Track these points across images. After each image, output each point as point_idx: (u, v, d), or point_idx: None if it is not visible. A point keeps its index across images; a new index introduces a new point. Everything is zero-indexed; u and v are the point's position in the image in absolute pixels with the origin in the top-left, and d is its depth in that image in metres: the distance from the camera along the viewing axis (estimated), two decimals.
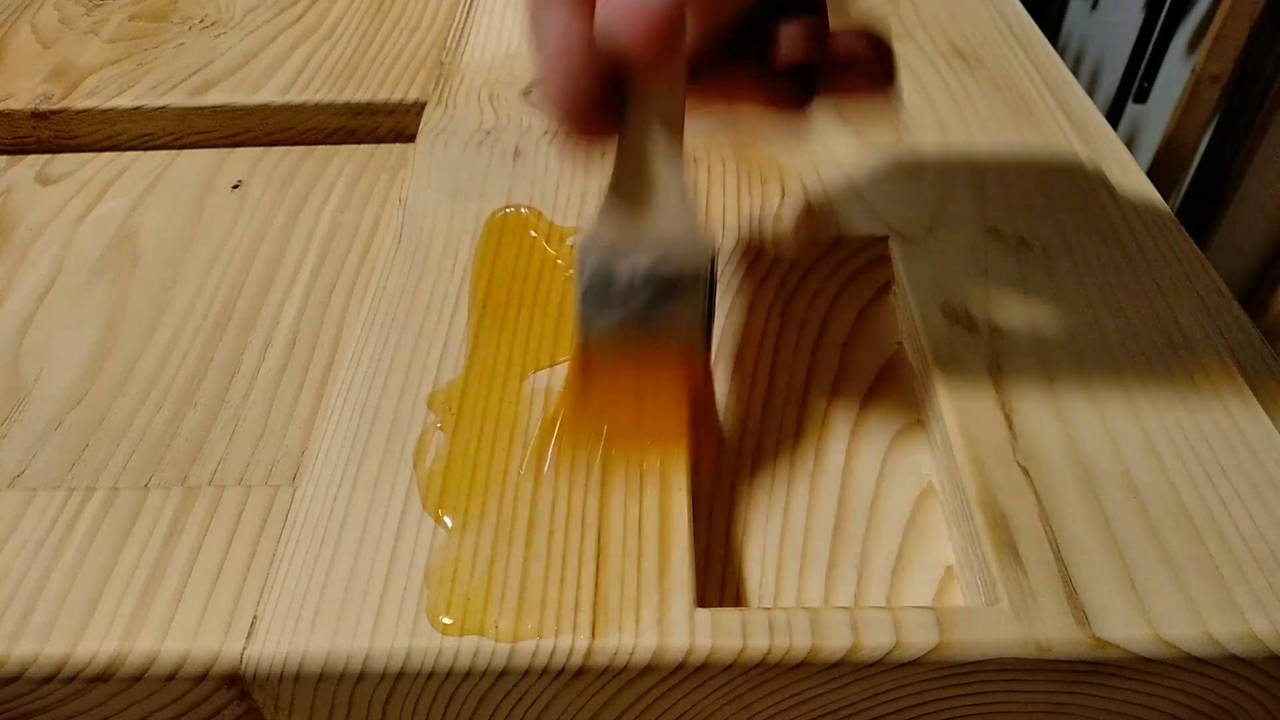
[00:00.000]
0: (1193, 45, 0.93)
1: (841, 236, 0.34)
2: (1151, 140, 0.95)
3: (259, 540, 0.24)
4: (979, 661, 0.22)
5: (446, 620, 0.22)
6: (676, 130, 0.25)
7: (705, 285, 0.26)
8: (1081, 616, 0.22)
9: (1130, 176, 0.37)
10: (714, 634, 0.22)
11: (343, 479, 0.25)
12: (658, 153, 0.25)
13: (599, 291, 0.26)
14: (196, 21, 0.48)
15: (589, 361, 0.27)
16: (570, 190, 0.36)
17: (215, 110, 0.41)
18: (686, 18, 0.22)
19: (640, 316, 0.26)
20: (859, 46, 0.26)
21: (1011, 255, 0.32)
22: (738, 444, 0.29)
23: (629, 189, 0.25)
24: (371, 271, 0.34)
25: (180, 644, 0.22)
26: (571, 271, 0.26)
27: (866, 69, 0.26)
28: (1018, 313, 0.30)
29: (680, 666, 0.22)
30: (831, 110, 0.26)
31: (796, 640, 0.22)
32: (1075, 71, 1.09)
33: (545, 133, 0.39)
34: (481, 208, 0.35)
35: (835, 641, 0.22)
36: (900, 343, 0.32)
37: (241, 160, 0.41)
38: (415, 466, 0.26)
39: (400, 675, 0.22)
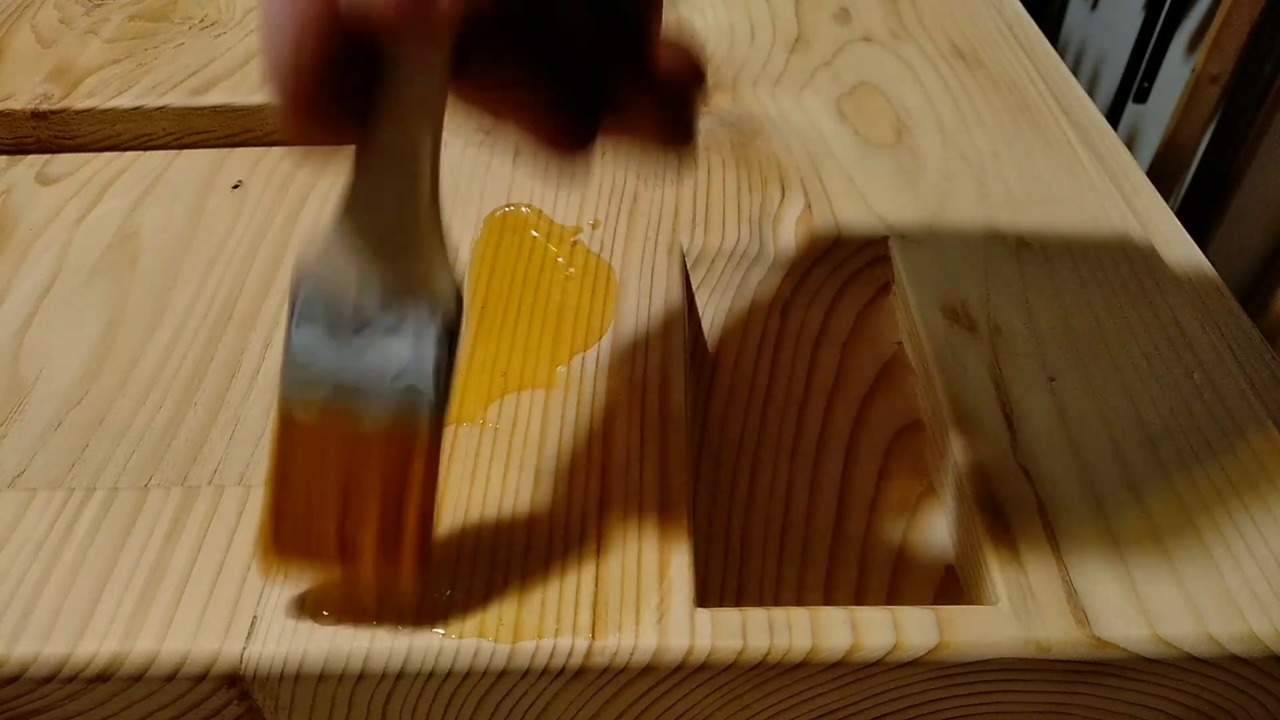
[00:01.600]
0: (1193, 45, 0.93)
1: (841, 236, 0.34)
2: (1151, 140, 0.95)
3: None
4: (979, 661, 0.22)
5: (446, 620, 0.22)
6: (432, 131, 0.20)
7: (451, 332, 0.20)
8: (1081, 616, 0.22)
9: (1130, 177, 0.37)
10: (714, 634, 0.22)
11: None
12: (406, 158, 0.20)
13: (311, 339, 0.20)
14: (196, 21, 0.48)
15: (289, 437, 0.21)
16: (571, 191, 0.36)
17: (215, 110, 0.41)
18: None
19: (356, 378, 0.20)
20: (675, 69, 0.21)
21: (1011, 255, 0.32)
22: (738, 444, 0.29)
23: (365, 202, 0.20)
24: None
25: (180, 644, 0.22)
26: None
27: (671, 108, 0.21)
28: (1018, 313, 0.30)
29: (680, 666, 0.22)
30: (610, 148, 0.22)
31: (796, 640, 0.22)
32: (1075, 71, 1.09)
33: None
34: (481, 208, 0.35)
35: (835, 641, 0.22)
36: (900, 343, 0.32)
37: (241, 160, 0.41)
38: None
39: (400, 675, 0.22)
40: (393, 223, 0.20)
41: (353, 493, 0.21)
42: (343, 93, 0.19)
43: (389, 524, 0.21)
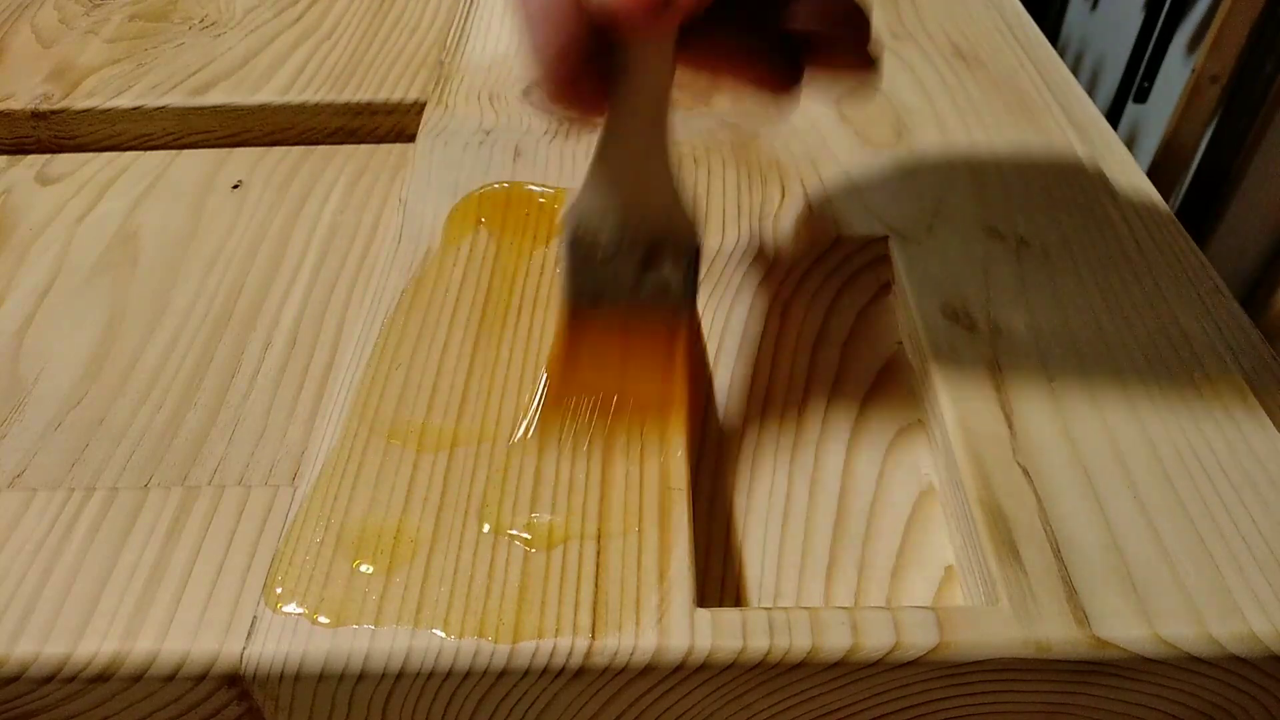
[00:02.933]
0: (1193, 45, 0.93)
1: (841, 236, 0.34)
2: (1151, 140, 0.95)
3: (259, 540, 0.24)
4: (979, 661, 0.22)
5: (446, 620, 0.22)
6: (664, 100, 0.24)
7: (691, 254, 0.26)
8: (1081, 616, 0.22)
9: (1130, 176, 0.37)
10: (714, 634, 0.22)
11: (343, 479, 0.25)
12: (645, 122, 0.25)
13: (584, 262, 0.26)
14: (196, 21, 0.48)
15: (575, 331, 0.27)
16: (572, 191, 0.36)
17: (215, 110, 0.41)
18: None
19: (626, 286, 0.26)
20: (840, 16, 0.25)
21: (1011, 255, 0.32)
22: (738, 444, 0.29)
23: (615, 157, 0.25)
24: (371, 271, 0.34)
25: (180, 644, 0.22)
26: (557, 241, 0.27)
27: (849, 44, 0.25)
28: (1018, 313, 0.30)
29: (680, 666, 0.22)
30: (813, 87, 0.26)
31: (796, 640, 0.22)
32: (1075, 71, 1.09)
33: (545, 133, 0.39)
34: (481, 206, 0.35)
35: (835, 641, 0.22)
36: (900, 343, 0.32)
37: (241, 160, 0.41)
38: (416, 467, 0.26)
39: (400, 675, 0.22)
40: (636, 169, 0.25)
41: (628, 366, 0.28)
42: (592, 73, 0.23)
43: (659, 378, 0.28)
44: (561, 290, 0.27)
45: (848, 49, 0.25)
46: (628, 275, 0.26)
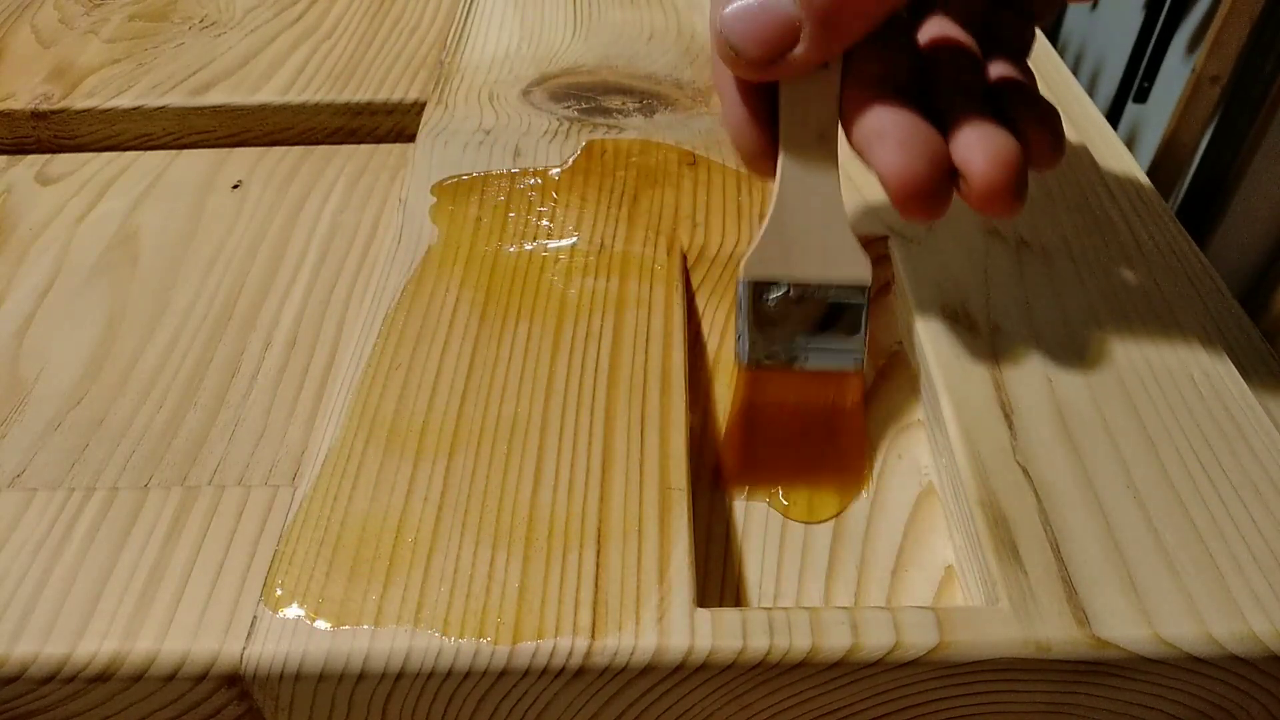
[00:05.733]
0: (1193, 45, 0.93)
1: None
2: (1151, 140, 0.95)
3: (259, 540, 0.24)
4: (979, 661, 0.22)
5: (446, 620, 0.22)
6: (825, 145, 0.25)
7: (866, 308, 0.26)
8: (1081, 616, 0.22)
9: (1130, 176, 0.37)
10: (714, 634, 0.22)
11: (343, 479, 0.25)
12: (808, 170, 0.25)
13: (761, 317, 0.26)
14: (196, 21, 0.48)
15: (753, 378, 0.27)
16: (572, 194, 0.36)
17: (215, 110, 0.41)
18: (807, 36, 0.22)
19: (805, 339, 0.26)
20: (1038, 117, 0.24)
21: (1011, 255, 0.32)
22: None
23: (785, 201, 0.25)
24: (371, 271, 0.34)
25: (180, 644, 0.22)
26: (737, 294, 0.26)
27: (1045, 147, 0.24)
28: (1018, 313, 0.30)
29: (680, 666, 0.22)
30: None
31: (796, 640, 0.22)
32: (1075, 71, 1.08)
33: (545, 133, 0.39)
34: (482, 204, 0.35)
35: (835, 641, 0.22)
36: (900, 343, 0.32)
37: (241, 160, 0.41)
38: (416, 467, 0.26)
39: (400, 675, 0.22)
40: (810, 219, 0.25)
41: (805, 419, 0.28)
42: (761, 129, 0.25)
43: (837, 440, 0.28)
44: (740, 347, 0.27)
45: (1042, 152, 0.24)
46: (806, 326, 0.26)
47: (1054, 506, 0.24)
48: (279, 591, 0.23)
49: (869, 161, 0.23)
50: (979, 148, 0.22)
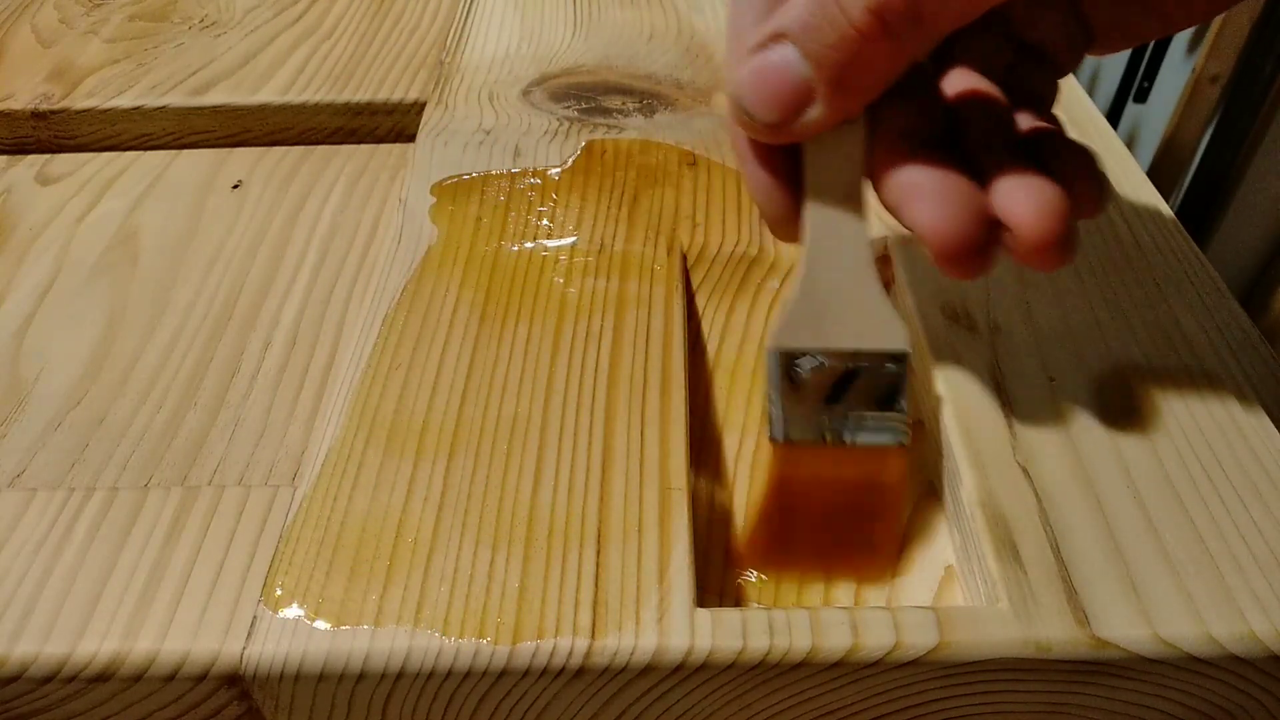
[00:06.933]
0: (1193, 45, 0.93)
1: None
2: (1151, 140, 0.95)
3: (259, 540, 0.24)
4: (979, 661, 0.22)
5: (446, 620, 0.22)
6: (853, 204, 0.24)
7: (905, 378, 0.24)
8: (1081, 616, 0.22)
9: (1130, 176, 0.37)
10: (714, 634, 0.22)
11: (343, 479, 0.25)
12: (836, 232, 0.24)
13: (792, 389, 0.24)
14: (196, 21, 0.48)
15: (786, 455, 0.25)
16: (572, 193, 0.36)
17: (215, 110, 0.41)
18: (823, 96, 0.22)
19: (841, 415, 0.24)
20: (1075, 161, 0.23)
21: None
22: (739, 444, 0.29)
23: (813, 266, 0.24)
24: (371, 271, 0.34)
25: (180, 644, 0.22)
26: (768, 370, 0.24)
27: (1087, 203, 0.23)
28: (1018, 313, 0.30)
29: (680, 666, 0.22)
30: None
31: (796, 640, 0.22)
32: (1075, 71, 1.08)
33: (545, 132, 0.39)
34: (482, 202, 0.35)
35: (835, 641, 0.22)
36: None
37: (241, 160, 0.41)
38: (416, 468, 0.26)
39: (400, 675, 0.22)
40: (840, 283, 0.24)
41: (840, 498, 0.25)
42: (784, 198, 0.24)
43: (873, 523, 0.26)
44: (772, 422, 0.24)
45: (1087, 198, 0.23)
46: (842, 399, 0.24)
47: (1054, 506, 0.24)
48: (279, 591, 0.23)
49: (904, 220, 0.22)
50: (1023, 198, 0.21)
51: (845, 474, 0.25)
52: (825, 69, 0.21)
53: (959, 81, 0.24)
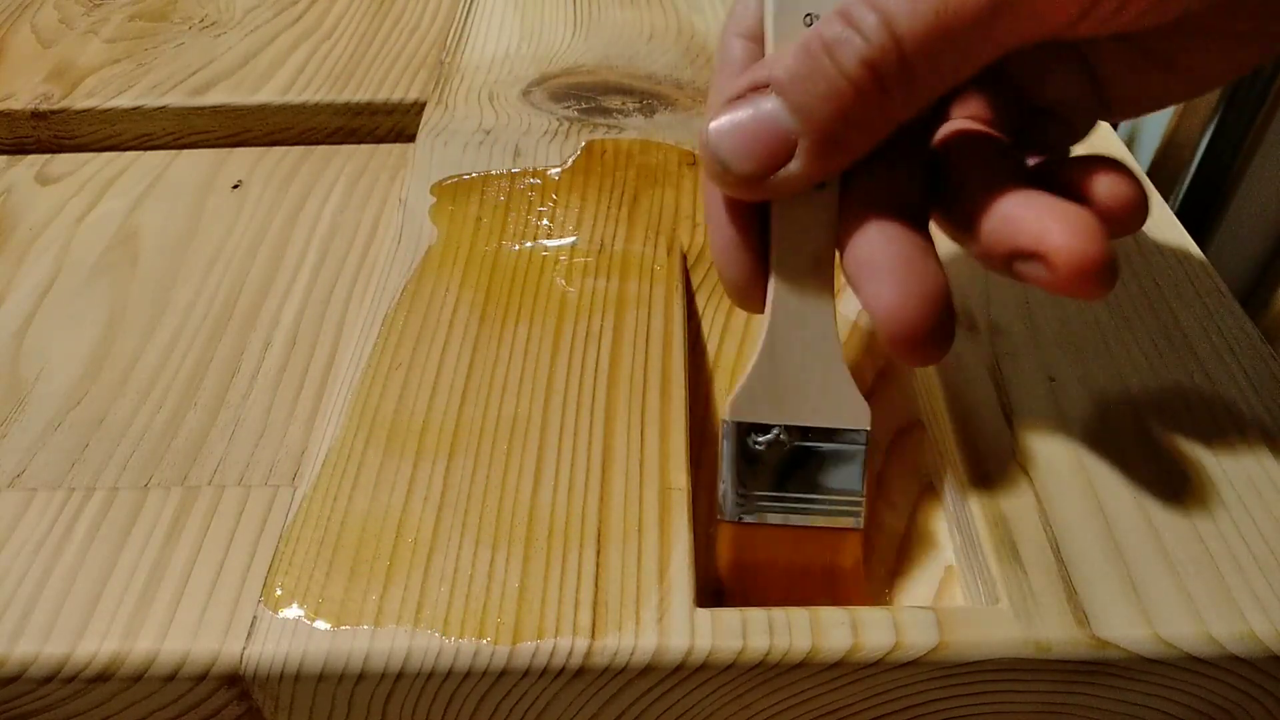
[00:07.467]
0: None
1: None
2: (1151, 140, 0.95)
3: (259, 540, 0.24)
4: (979, 661, 0.22)
5: (446, 620, 0.22)
6: (820, 272, 0.22)
7: (864, 457, 0.24)
8: (1081, 616, 0.22)
9: None
10: (714, 634, 0.22)
11: (343, 479, 0.25)
12: (802, 301, 0.23)
13: (747, 464, 0.24)
14: (196, 21, 0.48)
15: (739, 535, 0.24)
16: (571, 193, 0.36)
17: (215, 110, 0.41)
18: (804, 151, 0.20)
19: (796, 493, 0.24)
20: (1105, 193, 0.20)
21: None
22: None
23: (776, 344, 0.23)
24: (371, 271, 0.34)
25: (180, 644, 0.22)
26: (720, 439, 0.24)
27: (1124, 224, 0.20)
28: (1018, 313, 0.30)
29: (680, 666, 0.22)
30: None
31: (796, 640, 0.22)
32: None
33: (545, 132, 0.39)
34: (483, 202, 0.35)
35: (835, 641, 0.22)
36: None
37: (241, 160, 0.41)
38: (416, 468, 0.26)
39: (400, 675, 0.22)
40: (803, 356, 0.23)
41: (795, 580, 0.25)
42: (749, 261, 0.23)
43: (837, 593, 0.25)
44: (721, 499, 0.24)
45: (1123, 205, 0.20)
46: (798, 476, 0.24)
47: (1054, 506, 0.24)
48: (279, 591, 0.23)
49: (859, 297, 0.21)
50: (1050, 216, 0.19)
51: (800, 556, 0.24)
52: (812, 122, 0.20)
53: (953, 128, 0.23)
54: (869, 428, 0.23)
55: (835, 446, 0.24)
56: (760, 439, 0.24)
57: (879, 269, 0.20)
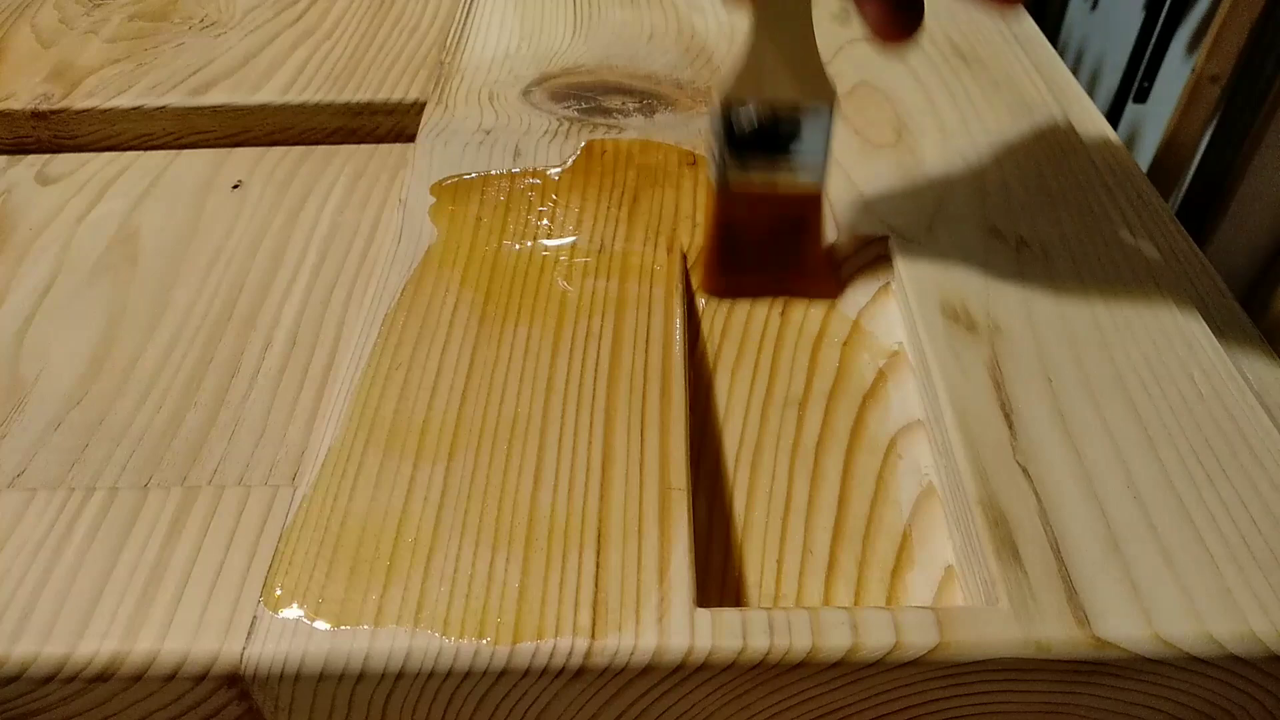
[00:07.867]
0: (1193, 45, 0.93)
1: (841, 237, 0.34)
2: (1151, 140, 0.95)
3: (259, 540, 0.24)
4: (979, 661, 0.22)
5: (446, 620, 0.22)
6: None
7: (829, 124, 0.29)
8: (1081, 616, 0.22)
9: (1130, 177, 0.37)
10: (714, 634, 0.22)
11: (343, 479, 0.25)
12: (785, 6, 0.27)
13: (732, 133, 0.29)
14: (196, 21, 0.48)
15: (726, 197, 0.30)
16: (573, 193, 0.36)
17: (215, 110, 0.41)
18: None
19: (772, 154, 0.29)
20: None
21: (1011, 255, 0.32)
22: (738, 444, 0.29)
23: (760, 37, 0.27)
24: (371, 271, 0.34)
25: (180, 644, 0.22)
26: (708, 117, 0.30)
27: None
28: (1018, 313, 0.30)
29: (680, 666, 0.22)
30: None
31: (796, 640, 0.22)
32: (1075, 71, 1.08)
33: (545, 132, 0.39)
34: (483, 201, 0.35)
35: (835, 641, 0.22)
36: (900, 342, 0.32)
37: (241, 160, 0.41)
38: (416, 468, 0.26)
39: (400, 675, 0.22)
40: (783, 44, 0.28)
41: (774, 229, 0.31)
42: None
43: (805, 244, 0.32)
44: (712, 158, 0.30)
45: None
46: (774, 145, 0.29)
47: (1054, 506, 0.24)
48: (279, 592, 0.23)
49: None
50: None
51: (775, 210, 0.31)
52: None
53: None
54: (833, 104, 0.29)
55: (804, 119, 0.29)
56: (743, 116, 0.29)
57: None
